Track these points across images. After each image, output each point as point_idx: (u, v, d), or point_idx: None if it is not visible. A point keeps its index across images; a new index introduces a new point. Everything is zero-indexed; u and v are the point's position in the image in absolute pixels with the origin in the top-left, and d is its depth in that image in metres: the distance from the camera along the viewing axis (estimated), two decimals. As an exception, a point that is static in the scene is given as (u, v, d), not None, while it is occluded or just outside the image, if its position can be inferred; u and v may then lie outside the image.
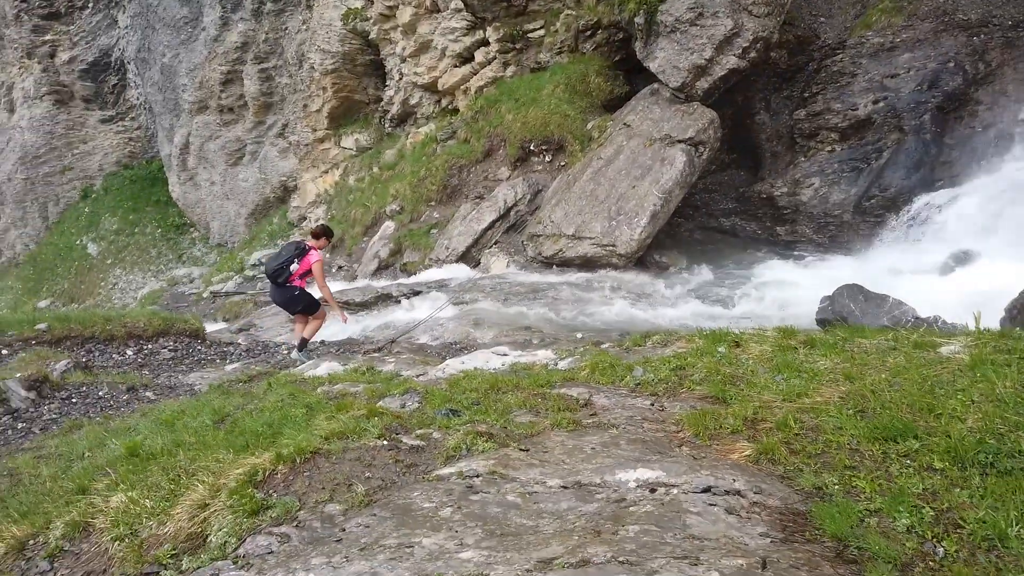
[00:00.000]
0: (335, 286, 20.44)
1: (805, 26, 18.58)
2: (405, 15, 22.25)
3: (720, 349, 5.25)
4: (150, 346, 10.75)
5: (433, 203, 21.22)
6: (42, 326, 10.14)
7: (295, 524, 2.98)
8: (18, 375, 7.86)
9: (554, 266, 17.17)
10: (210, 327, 15.38)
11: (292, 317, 11.33)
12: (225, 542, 3.01)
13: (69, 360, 9.06)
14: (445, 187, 20.99)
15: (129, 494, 3.78)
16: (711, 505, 2.58)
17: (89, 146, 40.00)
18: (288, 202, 30.14)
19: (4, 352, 9.65)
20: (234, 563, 2.82)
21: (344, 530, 2.85)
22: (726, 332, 5.76)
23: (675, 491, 2.73)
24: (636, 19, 17.28)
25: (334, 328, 16.01)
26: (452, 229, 19.20)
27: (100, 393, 8.15)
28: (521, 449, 3.50)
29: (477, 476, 3.12)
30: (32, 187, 39.89)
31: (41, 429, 7.27)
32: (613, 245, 16.07)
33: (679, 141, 16.44)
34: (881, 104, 16.25)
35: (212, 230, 34.43)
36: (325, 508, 3.09)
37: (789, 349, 5.07)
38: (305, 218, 28.51)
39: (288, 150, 29.32)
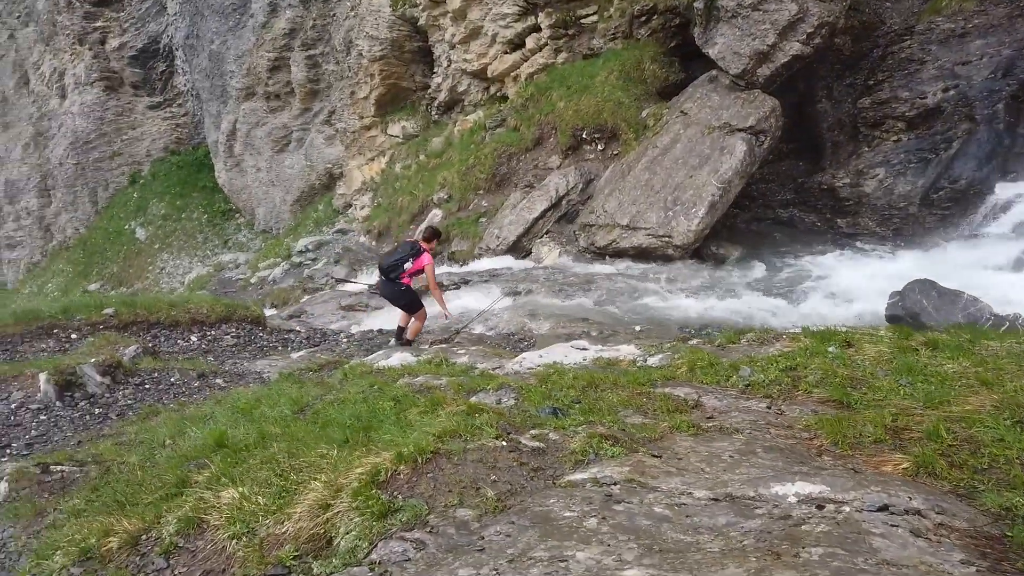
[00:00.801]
0: (383, 274, 20.51)
1: (870, 11, 17.96)
2: (455, 1, 22.04)
3: (831, 349, 5.00)
4: (213, 332, 10.78)
5: (481, 191, 21.07)
6: (109, 311, 10.22)
7: (428, 530, 2.84)
8: (92, 360, 7.90)
9: (607, 256, 16.92)
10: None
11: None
12: (355, 546, 2.88)
13: (138, 345, 9.10)
14: (494, 175, 20.82)
15: (240, 490, 3.68)
16: (893, 526, 2.38)
17: (137, 132, 40.59)
18: (333, 189, 30.24)
19: (73, 336, 9.74)
20: (370, 570, 2.68)
21: (483, 538, 2.70)
22: (835, 331, 5.50)
23: (846, 509, 2.53)
24: (695, 4, 16.85)
25: (388, 316, 16.03)
26: (502, 218, 19.03)
27: (172, 379, 8.16)
28: (653, 455, 3.32)
29: (614, 484, 2.95)
30: (82, 172, 40.63)
31: (118, 415, 7.29)
32: (669, 236, 15.76)
33: (739, 130, 16.02)
34: (952, 92, 15.64)
35: (257, 216, 34.72)
36: (456, 513, 2.94)
37: (908, 351, 4.81)
38: (350, 205, 28.59)
39: (334, 137, 29.37)
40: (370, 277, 21.03)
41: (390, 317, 16.07)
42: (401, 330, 10.30)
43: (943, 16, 16.49)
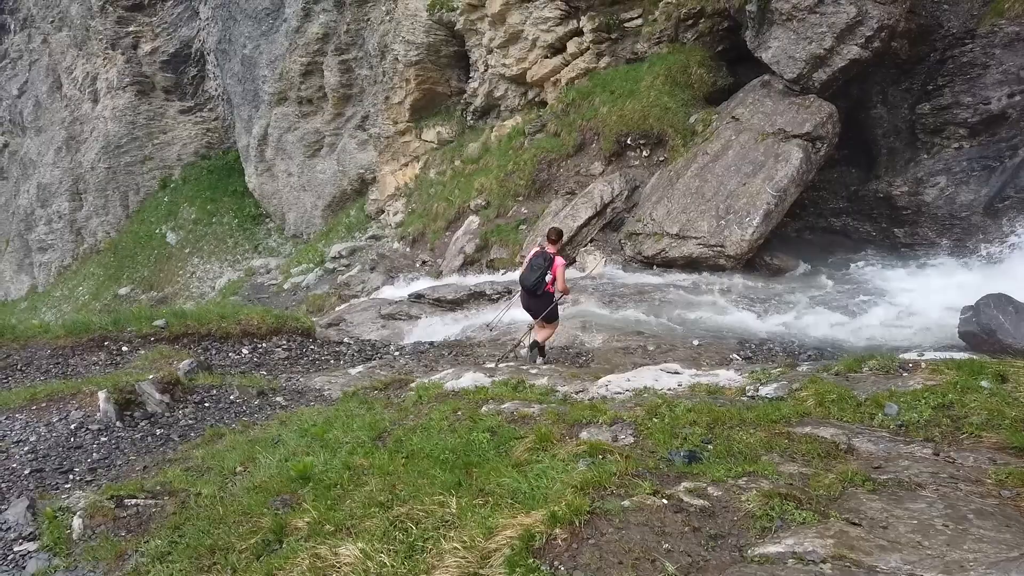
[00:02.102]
0: (421, 282, 20.19)
1: (927, 14, 17.35)
2: (495, 5, 21.70)
3: (983, 384, 4.54)
4: (264, 345, 10.47)
5: (521, 198, 20.70)
6: (160, 323, 9.94)
7: (610, 614, 2.42)
8: (151, 376, 7.58)
9: (655, 266, 16.45)
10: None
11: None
12: (524, 632, 2.48)
13: (192, 360, 8.79)
14: (534, 182, 20.44)
15: (360, 546, 3.29)
16: None
17: (168, 136, 40.70)
18: (366, 195, 30.00)
19: (124, 349, 9.46)
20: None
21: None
22: (983, 363, 5.03)
23: None
24: (748, 7, 16.39)
25: (431, 328, 15.67)
26: (543, 226, 18.59)
27: (231, 397, 7.83)
28: (852, 523, 2.89)
29: (823, 562, 2.54)
30: (114, 176, 40.79)
31: (180, 436, 6.96)
32: (721, 246, 15.27)
33: (794, 136, 15.51)
34: (1018, 98, 15.02)
35: (288, 221, 34.59)
36: (637, 592, 2.53)
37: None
38: (383, 211, 28.33)
39: (367, 142, 29.14)
40: (406, 286, 20.74)
41: (432, 330, 15.76)
42: (536, 343, 10.43)
43: (1006, 19, 15.86)
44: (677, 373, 6.54)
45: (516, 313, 14.98)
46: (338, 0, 27.79)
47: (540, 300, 9.93)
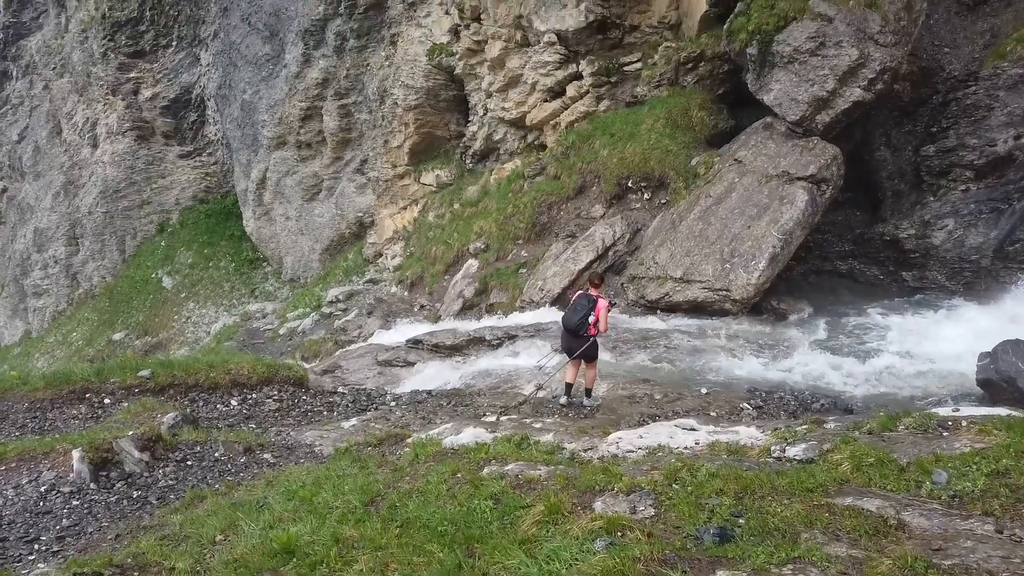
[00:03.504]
0: (419, 327, 19.75)
1: (928, 57, 17.33)
2: (494, 49, 21.72)
3: (1040, 447, 4.15)
4: (254, 395, 10.01)
5: (521, 241, 20.40)
6: (145, 373, 9.50)
7: None
8: (131, 433, 7.12)
9: (658, 311, 16.06)
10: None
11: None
12: None
13: (177, 413, 8.33)
14: (534, 225, 20.17)
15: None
16: None
17: (167, 181, 40.67)
18: (364, 238, 29.77)
19: (107, 401, 9.00)
20: None
21: None
22: (1036, 423, 4.62)
23: None
24: (748, 50, 16.32)
25: (429, 375, 15.20)
26: (544, 269, 18.30)
27: (216, 454, 7.35)
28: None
29: None
30: (111, 220, 40.66)
31: (158, 499, 6.48)
32: (727, 290, 14.91)
33: (799, 178, 15.28)
34: (1024, 139, 14.85)
35: (285, 265, 34.31)
36: None
37: None
38: (381, 254, 28.06)
39: (365, 186, 29.02)
40: (404, 331, 20.30)
41: (430, 377, 15.28)
42: (569, 386, 10.65)
43: (1008, 61, 15.79)
44: (693, 429, 6.11)
45: (519, 361, 14.59)
46: (338, 46, 27.93)
47: (579, 341, 10.12)
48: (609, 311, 10.63)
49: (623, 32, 19.94)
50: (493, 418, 8.63)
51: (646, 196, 18.23)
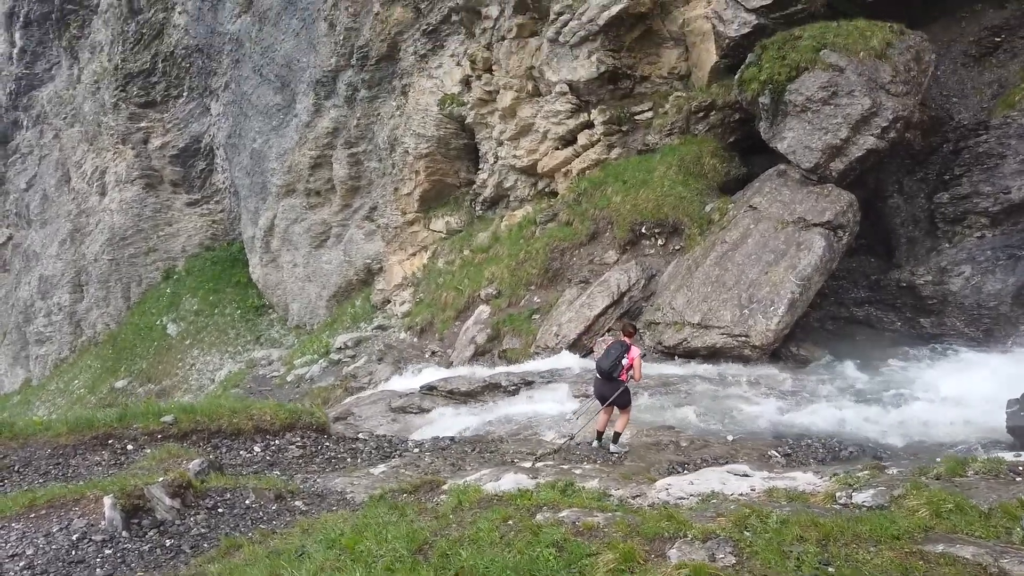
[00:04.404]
0: (431, 373, 19.58)
1: (937, 106, 17.58)
2: (506, 99, 22.05)
3: None
4: (277, 442, 9.83)
5: (533, 287, 20.38)
6: (168, 419, 9.34)
7: None
8: (161, 480, 6.95)
9: (676, 356, 15.95)
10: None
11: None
12: None
13: (202, 459, 8.15)
14: (546, 270, 20.17)
15: None
16: None
17: (174, 228, 40.88)
18: (371, 285, 29.76)
19: (130, 447, 8.83)
20: None
21: None
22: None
23: None
24: (760, 99, 16.55)
25: (445, 422, 14.99)
26: (558, 315, 18.22)
27: (247, 501, 7.16)
28: None
29: None
30: (117, 268, 40.73)
31: (192, 547, 6.28)
32: (746, 336, 14.81)
33: (815, 224, 15.33)
34: (1038, 187, 14.95)
35: (291, 312, 34.23)
36: None
37: None
38: (389, 301, 28.00)
39: (374, 233, 29.13)
40: (416, 377, 20.13)
41: (447, 423, 15.06)
42: (600, 433, 10.73)
43: (1018, 111, 16.01)
44: (747, 476, 5.96)
45: (539, 407, 14.40)
46: (349, 96, 28.38)
47: (612, 385, 10.23)
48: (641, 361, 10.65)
49: (634, 82, 20.27)
50: (529, 464, 8.45)
51: (660, 242, 18.27)
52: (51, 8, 41.43)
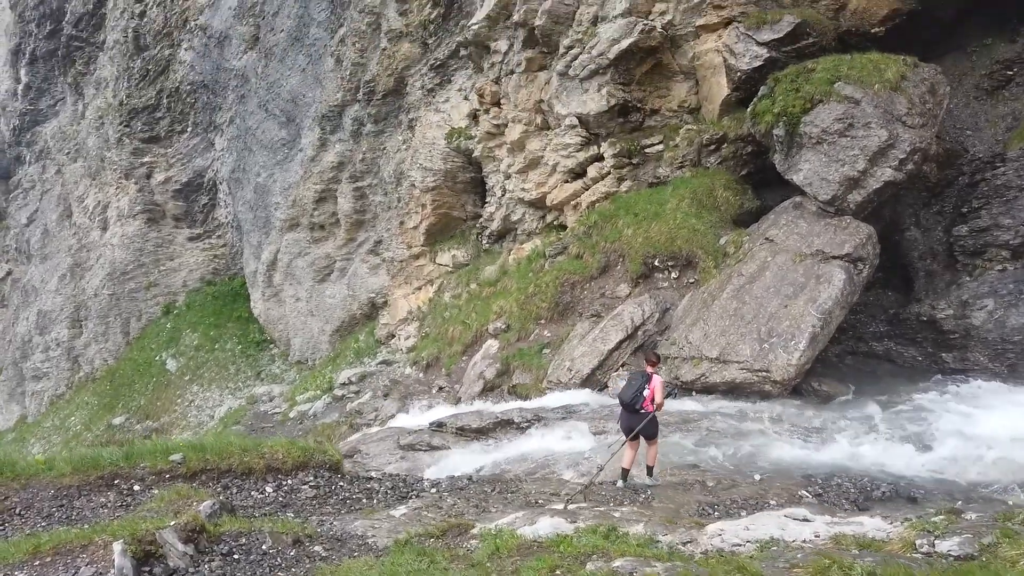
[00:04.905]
0: (439, 409, 19.14)
1: (951, 139, 17.50)
2: (515, 132, 21.97)
3: None
4: (290, 481, 9.39)
5: (543, 321, 20.03)
6: (176, 457, 8.92)
7: None
8: (173, 523, 6.52)
9: (693, 392, 15.55)
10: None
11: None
12: None
13: (214, 501, 7.72)
14: (556, 304, 19.84)
15: None
16: None
17: (175, 263, 40.62)
18: (375, 319, 29.38)
19: (136, 488, 8.40)
20: None
21: None
22: None
23: None
24: (775, 131, 16.42)
25: (457, 460, 14.51)
26: (571, 349, 17.85)
27: (264, 547, 6.73)
28: None
29: None
30: (117, 303, 40.37)
31: (207, 598, 5.84)
32: (767, 371, 14.44)
33: (834, 257, 15.07)
34: (1059, 219, 14.75)
35: (293, 347, 33.79)
36: None
37: None
38: (394, 335, 27.61)
39: (379, 267, 28.87)
40: (423, 413, 19.67)
41: (459, 462, 14.58)
42: (626, 471, 10.55)
43: (1035, 143, 15.89)
44: (807, 520, 5.57)
45: (554, 445, 13.95)
46: (355, 131, 28.36)
47: (637, 417, 10.10)
48: (665, 389, 10.42)
49: (644, 115, 20.19)
50: (560, 506, 8.02)
51: (674, 275, 17.99)
52: (57, 45, 41.70)
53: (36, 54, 42.58)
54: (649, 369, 10.41)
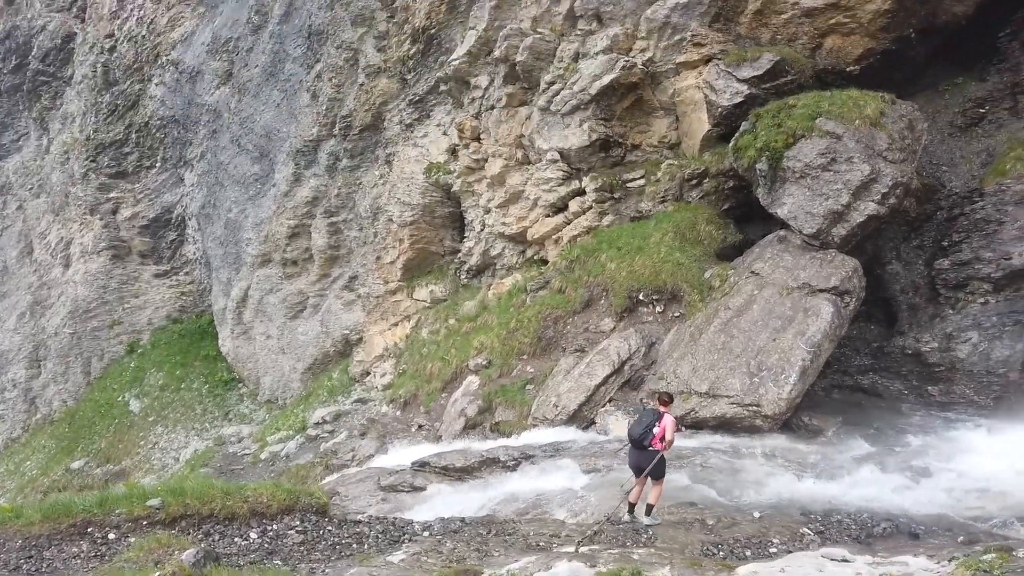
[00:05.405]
0: (420, 448, 18.57)
1: (928, 175, 17.78)
2: (495, 167, 21.87)
3: None
4: (275, 526, 8.86)
5: (526, 356, 19.70)
6: (155, 502, 8.36)
7: None
8: (157, 574, 6.00)
9: (683, 427, 15.27)
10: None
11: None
12: None
13: (197, 549, 7.20)
14: (539, 339, 19.56)
15: None
16: None
17: (140, 300, 39.53)
18: (350, 356, 28.72)
19: (111, 536, 7.82)
20: None
21: None
22: None
23: None
24: (758, 165, 16.52)
25: (443, 501, 13.98)
26: (556, 385, 17.52)
27: (256, 599, 6.22)
28: None
29: None
30: (78, 341, 39.06)
31: (197, 658, 5.31)
32: (757, 405, 14.27)
33: (821, 290, 15.07)
34: (1039, 252, 14.94)
35: (263, 386, 32.87)
36: None
37: None
38: (369, 372, 27.00)
39: (354, 303, 28.32)
40: (403, 452, 19.06)
41: (445, 503, 14.03)
42: (632, 505, 10.43)
43: (1011, 178, 16.20)
44: (846, 560, 5.31)
45: (544, 484, 13.50)
46: (330, 165, 28.03)
47: (645, 454, 10.01)
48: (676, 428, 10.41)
49: (625, 150, 20.27)
50: (572, 548, 7.62)
51: (658, 309, 17.84)
52: (23, 79, 40.86)
53: (0, 89, 41.68)
54: (661, 408, 10.36)
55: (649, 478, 10.14)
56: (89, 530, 7.75)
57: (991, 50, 18.13)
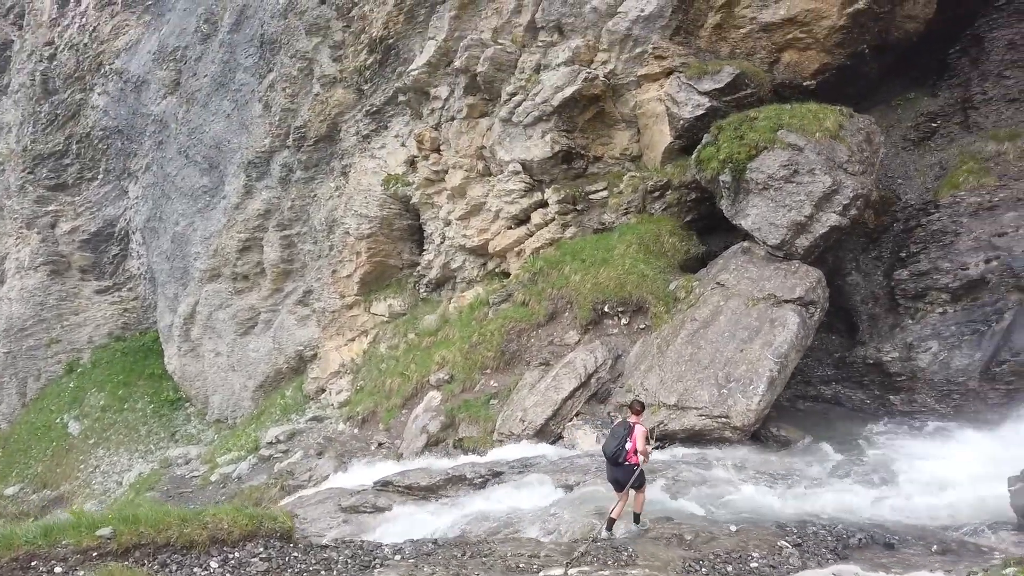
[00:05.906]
0: (381, 467, 17.99)
1: (884, 187, 18.09)
2: (455, 179, 21.56)
3: None
4: (237, 554, 8.29)
5: (489, 371, 19.34)
6: (105, 532, 7.73)
7: None
8: (113, 613, 5.44)
9: (651, 440, 15.08)
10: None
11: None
12: None
13: (154, 582, 6.62)
14: (502, 353, 19.23)
15: None
16: None
17: (80, 317, 37.88)
18: (304, 373, 27.92)
19: (58, 570, 7.17)
20: None
21: None
22: None
23: None
24: (721, 177, 16.56)
25: (408, 522, 13.47)
26: (521, 399, 17.19)
27: (223, 636, 5.70)
28: None
29: None
30: (13, 362, 37.19)
31: None
32: (726, 416, 14.18)
33: (786, 301, 15.11)
34: (994, 263, 15.29)
35: (211, 404, 31.70)
36: None
37: None
38: (324, 389, 26.25)
39: (308, 318, 27.55)
40: (364, 472, 18.44)
41: (410, 523, 13.51)
42: (612, 521, 10.08)
43: (965, 191, 16.58)
44: None
45: (514, 501, 13.10)
46: (283, 177, 27.32)
47: (622, 470, 9.83)
48: (647, 438, 10.15)
49: (587, 162, 20.19)
50: (561, 571, 7.26)
51: (624, 321, 17.70)
52: (-46, 88, 39.07)
53: (-71, 97, 39.72)
54: (632, 419, 10.09)
55: (632, 490, 9.94)
56: (33, 564, 7.08)
57: (942, 66, 18.64)
